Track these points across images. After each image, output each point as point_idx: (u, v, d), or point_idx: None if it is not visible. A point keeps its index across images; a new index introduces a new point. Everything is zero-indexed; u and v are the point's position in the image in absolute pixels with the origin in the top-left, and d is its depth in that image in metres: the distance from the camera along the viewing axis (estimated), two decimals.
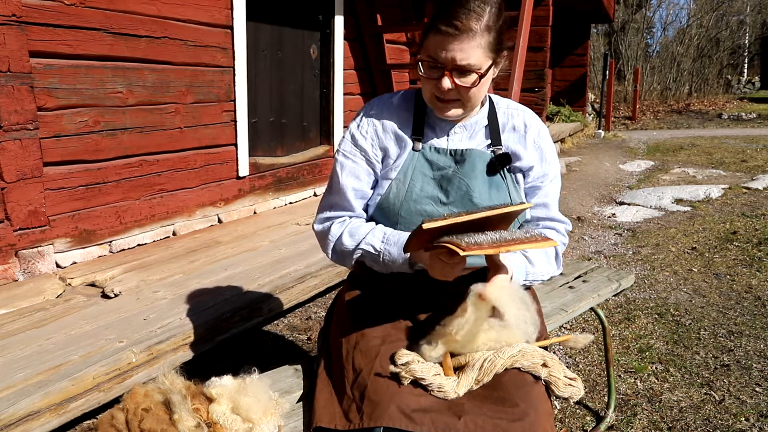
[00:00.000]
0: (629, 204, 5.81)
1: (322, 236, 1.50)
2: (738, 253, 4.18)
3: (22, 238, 2.62)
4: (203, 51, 3.47)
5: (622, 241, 4.61)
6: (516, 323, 1.24)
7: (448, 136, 1.47)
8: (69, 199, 2.86)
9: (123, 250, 3.15)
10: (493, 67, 1.36)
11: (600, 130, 10.95)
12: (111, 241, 3.10)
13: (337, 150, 1.53)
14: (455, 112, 1.41)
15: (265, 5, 3.95)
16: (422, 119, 1.48)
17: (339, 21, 4.57)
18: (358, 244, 1.43)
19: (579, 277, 2.35)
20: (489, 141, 1.48)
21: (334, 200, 1.50)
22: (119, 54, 2.99)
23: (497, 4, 1.33)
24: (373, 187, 1.50)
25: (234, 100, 3.73)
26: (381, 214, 1.48)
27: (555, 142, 8.79)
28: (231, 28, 3.63)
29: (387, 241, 1.40)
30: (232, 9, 3.61)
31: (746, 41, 21.46)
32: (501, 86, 6.00)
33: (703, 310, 3.25)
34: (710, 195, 5.93)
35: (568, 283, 2.28)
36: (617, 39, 18.53)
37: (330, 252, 1.49)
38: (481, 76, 1.33)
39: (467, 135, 1.48)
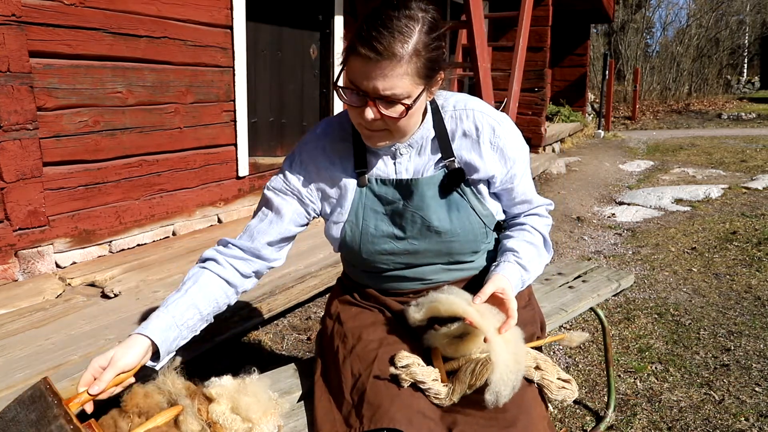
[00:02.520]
0: (629, 204, 5.81)
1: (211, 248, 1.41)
2: (738, 253, 4.18)
3: (21, 238, 2.62)
4: (203, 51, 3.47)
5: (621, 241, 4.61)
6: (497, 379, 1.17)
7: (394, 159, 1.34)
8: (69, 199, 2.86)
9: (123, 250, 3.15)
10: (425, 93, 1.21)
11: (600, 130, 10.96)
12: (111, 241, 3.10)
13: (267, 186, 1.40)
14: (385, 142, 1.26)
15: (264, 5, 3.95)
16: (363, 146, 1.33)
17: (339, 21, 4.57)
18: (178, 289, 1.31)
19: (579, 277, 2.35)
20: (439, 155, 1.33)
21: (246, 230, 1.40)
22: (119, 54, 2.99)
23: (429, 22, 1.15)
24: (305, 225, 1.42)
25: (234, 100, 3.73)
26: (346, 254, 1.44)
27: (554, 142, 8.80)
28: (231, 28, 3.63)
29: (157, 316, 1.23)
30: (231, 9, 3.61)
31: (746, 41, 21.48)
32: (501, 86, 6.00)
33: (703, 310, 3.25)
34: (710, 195, 5.93)
35: (567, 283, 2.29)
36: (617, 39, 18.53)
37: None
38: (409, 108, 1.17)
39: (415, 153, 1.34)
